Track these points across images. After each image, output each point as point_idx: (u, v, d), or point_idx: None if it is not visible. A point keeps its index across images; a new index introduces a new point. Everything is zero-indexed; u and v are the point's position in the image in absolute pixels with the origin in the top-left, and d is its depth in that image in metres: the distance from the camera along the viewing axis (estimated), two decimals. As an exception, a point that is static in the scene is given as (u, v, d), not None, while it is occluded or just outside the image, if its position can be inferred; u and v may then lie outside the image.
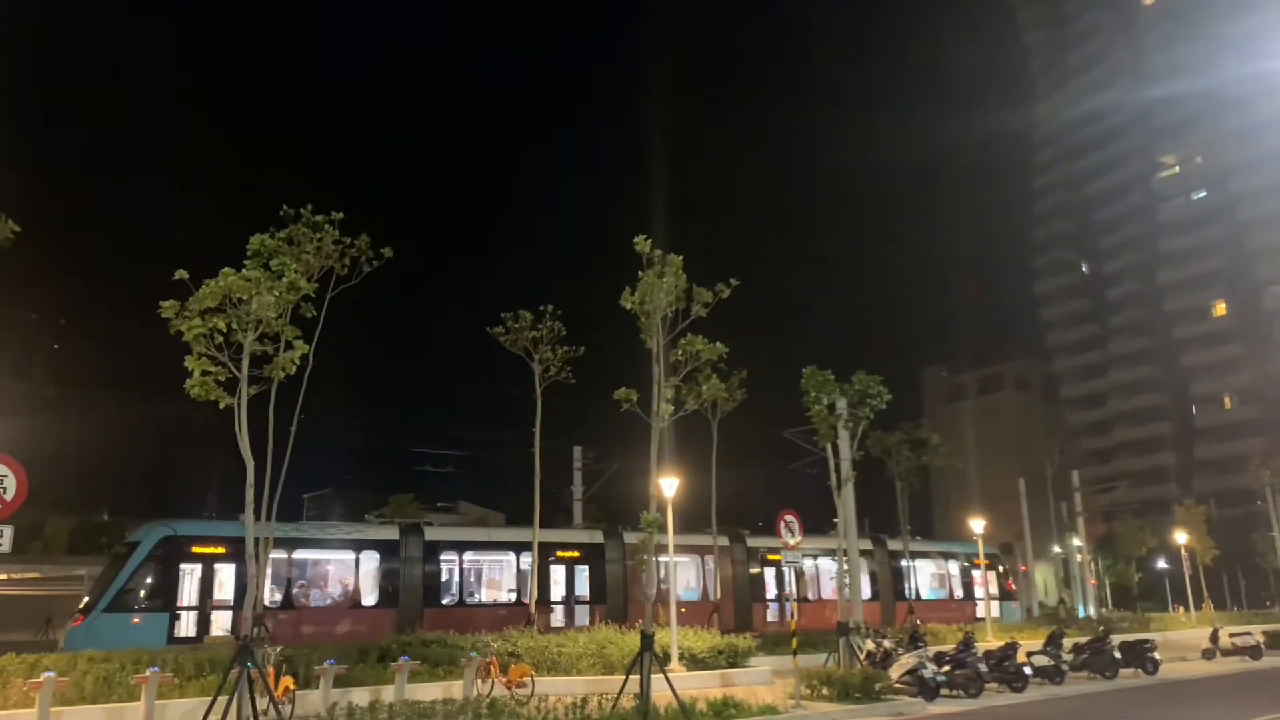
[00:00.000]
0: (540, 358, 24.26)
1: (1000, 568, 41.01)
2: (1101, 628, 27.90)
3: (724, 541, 31.69)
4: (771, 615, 32.85)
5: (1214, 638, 28.42)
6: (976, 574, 39.64)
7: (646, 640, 14.86)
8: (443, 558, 27.67)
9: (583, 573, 29.84)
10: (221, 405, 13.45)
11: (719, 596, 30.75)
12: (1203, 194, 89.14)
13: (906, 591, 36.20)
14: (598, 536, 30.77)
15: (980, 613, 37.98)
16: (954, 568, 39.57)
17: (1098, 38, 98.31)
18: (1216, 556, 51.26)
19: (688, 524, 30.91)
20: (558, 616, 28.67)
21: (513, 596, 28.23)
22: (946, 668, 19.11)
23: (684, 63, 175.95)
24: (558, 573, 29.27)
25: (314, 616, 25.20)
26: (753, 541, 33.46)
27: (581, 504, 39.04)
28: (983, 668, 19.40)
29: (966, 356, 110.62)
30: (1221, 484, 76.62)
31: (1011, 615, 40.21)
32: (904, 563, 36.42)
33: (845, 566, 23.79)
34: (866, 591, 34.49)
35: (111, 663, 15.67)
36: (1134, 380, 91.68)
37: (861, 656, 20.98)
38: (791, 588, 28.11)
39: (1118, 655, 22.99)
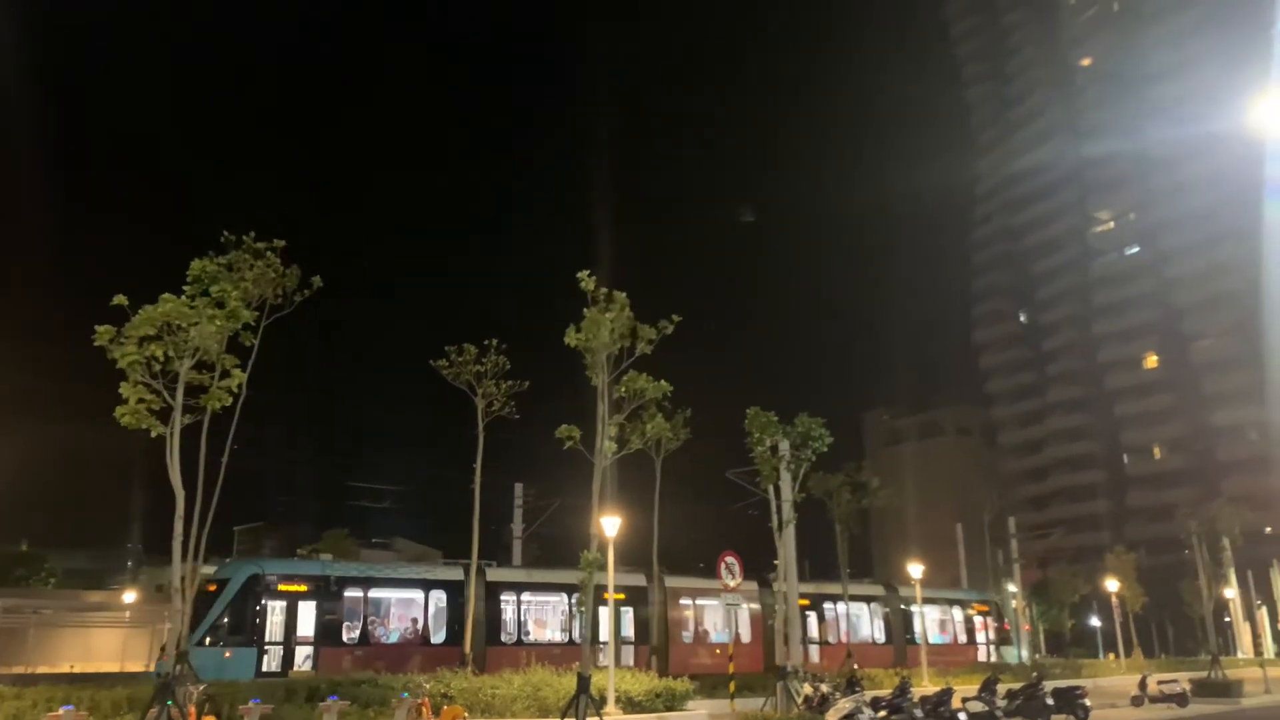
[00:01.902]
0: (483, 392, 23.98)
1: (999, 614, 43.99)
2: (1035, 674, 28.12)
3: (752, 587, 33.25)
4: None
5: (1143, 685, 28.83)
6: (978, 620, 42.46)
7: (583, 682, 14.67)
8: (503, 598, 28.63)
9: (628, 614, 31.04)
10: (154, 434, 13.10)
11: (750, 639, 32.55)
12: (1135, 249, 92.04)
13: (916, 637, 38.23)
14: (641, 579, 31.79)
15: (982, 656, 40.82)
16: (958, 614, 41.91)
17: (1037, 95, 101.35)
18: (1146, 604, 52.22)
19: (627, 563, 30.93)
20: (606, 656, 29.41)
21: (565, 636, 29.43)
22: (883, 713, 19.07)
23: (629, 108, 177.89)
24: (604, 614, 30.10)
25: (387, 653, 25.79)
26: (781, 587, 34.65)
27: (521, 542, 38.63)
28: (919, 713, 19.39)
29: (907, 401, 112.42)
30: (1151, 532, 78.30)
31: (1010, 658, 42.46)
32: (914, 609, 38.65)
33: (785, 608, 23.76)
34: (881, 636, 38.01)
35: (24, 700, 15.03)
36: (1069, 428, 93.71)
37: (799, 700, 20.91)
38: (732, 628, 28.43)
39: (1050, 702, 23.19)
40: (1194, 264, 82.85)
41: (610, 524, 21.46)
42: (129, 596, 40.54)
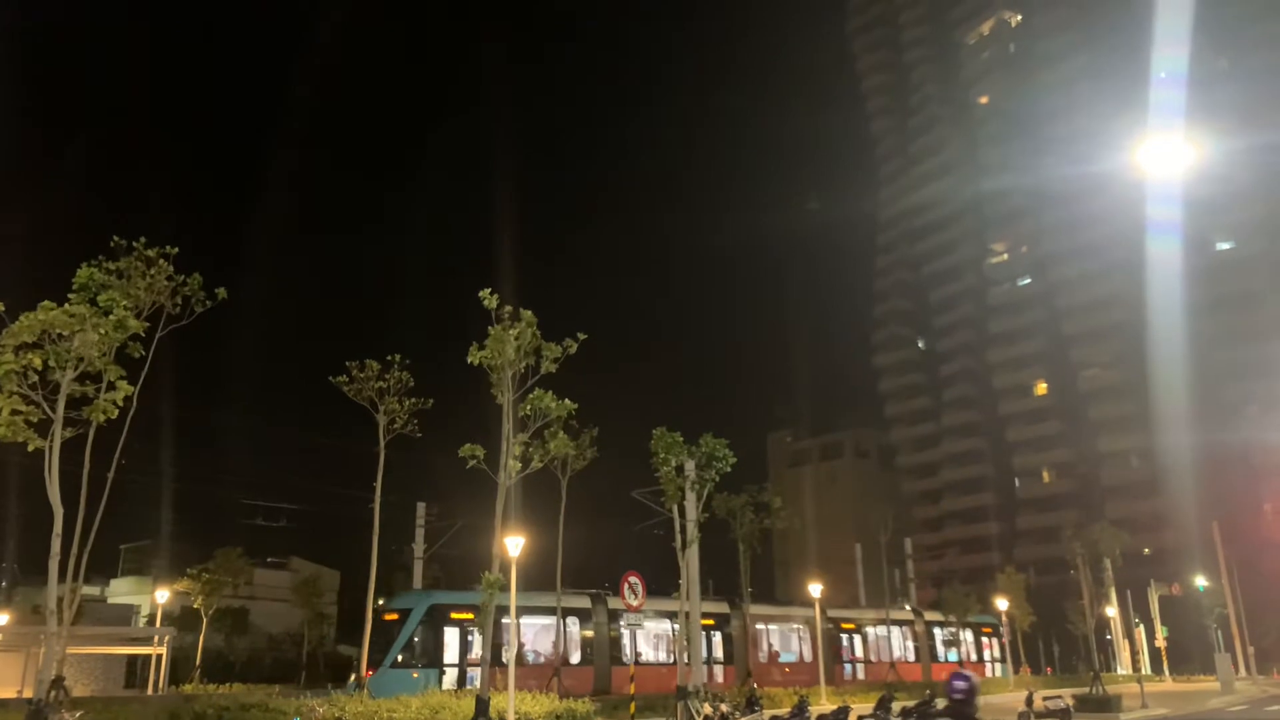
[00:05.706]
0: (386, 409, 23.50)
1: (1000, 635, 48.52)
2: (928, 691, 28.79)
3: (808, 612, 38.31)
4: (847, 673, 40.05)
5: (1029, 701, 29.63)
6: (984, 640, 47.57)
7: (481, 705, 14.48)
8: (621, 623, 30.91)
9: (716, 637, 34.52)
10: (31, 448, 12.49)
11: (813, 658, 36.75)
12: (1028, 280, 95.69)
13: (937, 655, 44.24)
14: (725, 607, 35.73)
15: (988, 673, 45.49)
16: (968, 635, 46.90)
17: (937, 130, 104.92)
18: (1034, 623, 53.98)
19: (530, 584, 30.79)
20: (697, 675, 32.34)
21: (670, 656, 32.54)
22: (781, 731, 19.30)
23: (538, 135, 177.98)
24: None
25: (535, 672, 28.43)
26: (833, 613, 40.33)
27: (422, 562, 37.96)
28: (816, 731, 19.68)
29: (809, 423, 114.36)
30: (1039, 553, 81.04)
31: (1006, 674, 46.65)
32: (935, 631, 43.87)
33: (688, 628, 23.84)
34: (912, 654, 43.32)
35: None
36: (964, 452, 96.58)
37: (699, 720, 20.96)
38: (634, 648, 29.30)
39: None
40: (1082, 296, 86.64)
41: (514, 544, 21.26)
42: (1, 618, 38.45)
